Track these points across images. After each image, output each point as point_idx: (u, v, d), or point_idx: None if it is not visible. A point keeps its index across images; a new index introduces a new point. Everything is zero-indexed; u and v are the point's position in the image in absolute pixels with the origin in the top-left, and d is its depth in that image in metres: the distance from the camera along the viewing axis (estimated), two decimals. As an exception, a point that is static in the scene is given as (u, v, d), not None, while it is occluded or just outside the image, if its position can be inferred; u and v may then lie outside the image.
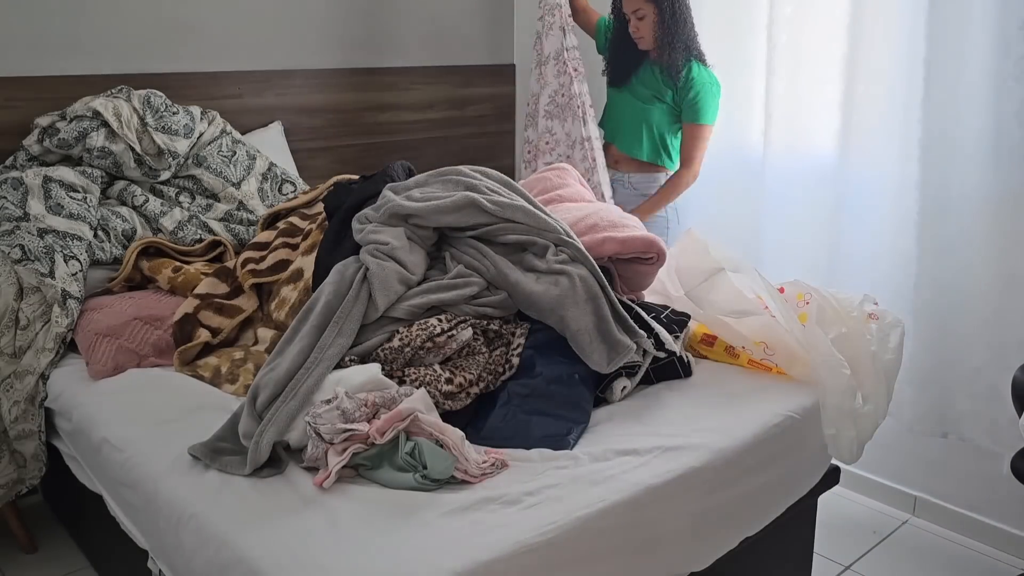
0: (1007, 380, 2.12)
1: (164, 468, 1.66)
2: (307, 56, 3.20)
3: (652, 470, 1.61)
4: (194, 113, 2.70)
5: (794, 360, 2.01)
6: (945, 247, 2.39)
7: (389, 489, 1.54)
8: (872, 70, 2.51)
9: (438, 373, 1.79)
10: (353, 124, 3.35)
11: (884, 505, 2.72)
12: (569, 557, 1.45)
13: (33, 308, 2.20)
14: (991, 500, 2.49)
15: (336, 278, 1.91)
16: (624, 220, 2.27)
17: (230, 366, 2.10)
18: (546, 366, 1.86)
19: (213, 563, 1.44)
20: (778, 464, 1.86)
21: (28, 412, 2.14)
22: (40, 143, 2.50)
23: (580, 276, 1.92)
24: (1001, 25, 2.21)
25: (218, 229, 2.61)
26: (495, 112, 3.79)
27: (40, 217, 2.34)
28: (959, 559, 2.46)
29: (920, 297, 2.45)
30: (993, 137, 2.27)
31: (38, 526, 2.56)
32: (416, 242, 2.02)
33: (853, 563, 2.45)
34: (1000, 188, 2.29)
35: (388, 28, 3.40)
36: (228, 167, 2.70)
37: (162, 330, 2.21)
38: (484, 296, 1.96)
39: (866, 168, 2.57)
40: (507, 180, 2.14)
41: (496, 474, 1.59)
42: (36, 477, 2.24)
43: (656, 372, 2.00)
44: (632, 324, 1.93)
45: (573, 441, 1.71)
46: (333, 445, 1.57)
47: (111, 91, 2.63)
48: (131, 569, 1.90)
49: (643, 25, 2.70)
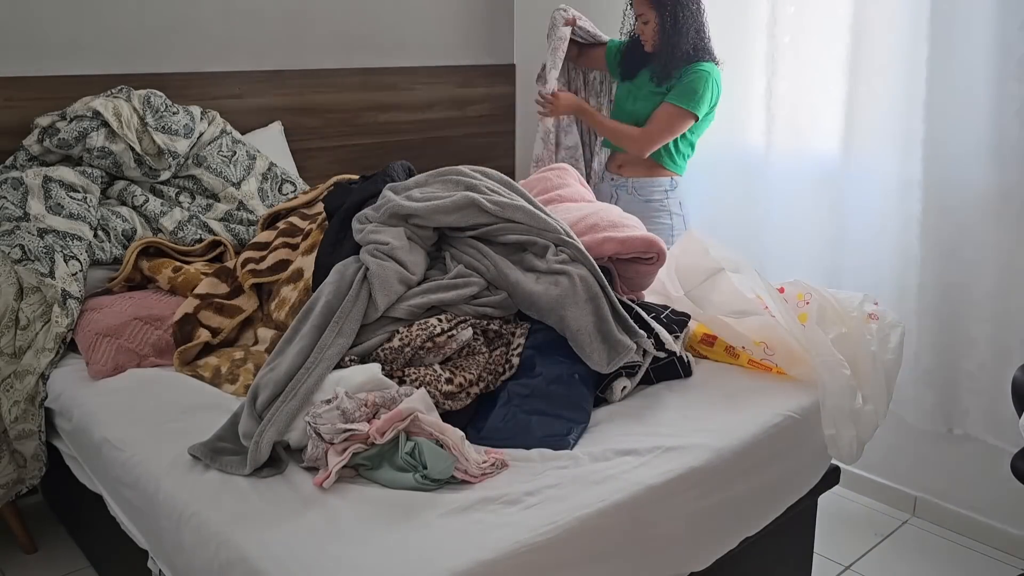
0: (1009, 379, 2.12)
1: (164, 468, 1.66)
2: (306, 56, 3.20)
3: (652, 470, 1.61)
4: (194, 113, 2.70)
5: (794, 360, 2.01)
6: (948, 246, 2.39)
7: (389, 489, 1.54)
8: (874, 70, 2.51)
9: (438, 373, 1.79)
10: (353, 124, 3.35)
11: (884, 505, 2.72)
12: (569, 557, 1.45)
13: (33, 308, 2.20)
14: (991, 500, 2.49)
15: (336, 278, 1.91)
16: (624, 220, 2.27)
17: (230, 366, 2.10)
18: (546, 366, 1.86)
19: (213, 563, 1.44)
20: (778, 464, 1.86)
21: (28, 412, 2.14)
22: (40, 143, 2.50)
23: (580, 276, 1.92)
24: (1002, 25, 2.21)
25: (218, 229, 2.61)
26: (495, 112, 3.79)
27: (40, 217, 2.34)
28: (959, 559, 2.46)
29: (923, 296, 2.45)
30: (994, 137, 2.27)
31: (38, 526, 2.56)
32: (416, 242, 2.02)
33: (853, 563, 2.45)
34: (1002, 188, 2.29)
35: (388, 28, 3.40)
36: (228, 167, 2.70)
37: (162, 330, 2.21)
38: (484, 296, 1.96)
39: (868, 168, 2.57)
40: (507, 180, 2.14)
41: (496, 474, 1.59)
42: (36, 477, 2.24)
43: (656, 372, 2.00)
44: (632, 324, 1.93)
45: (573, 441, 1.71)
46: (333, 445, 1.57)
47: (111, 91, 2.63)
48: (131, 569, 1.90)
49: (647, 29, 2.76)
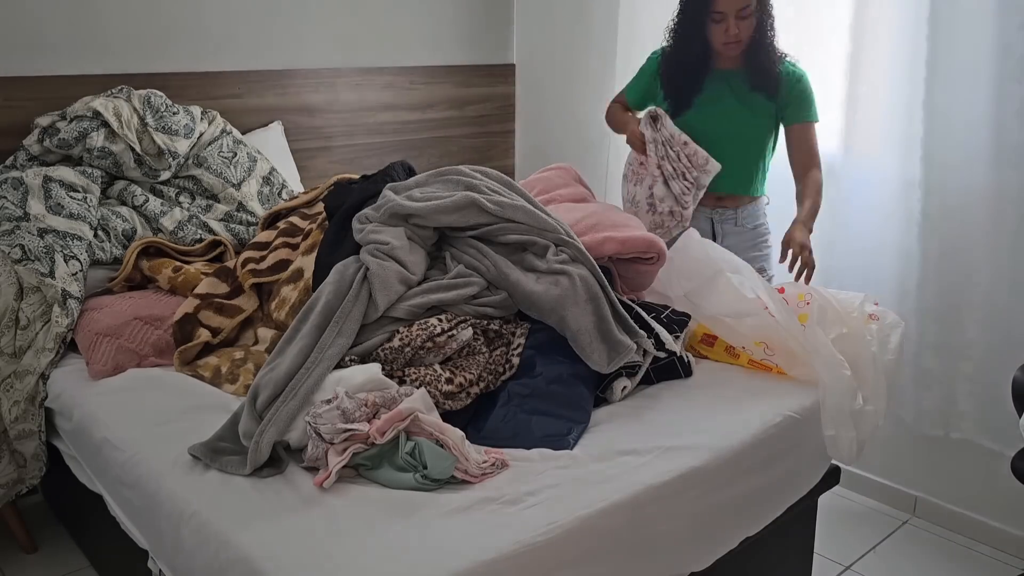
0: (1009, 379, 2.13)
1: (164, 468, 1.66)
2: (308, 56, 3.20)
3: (652, 470, 1.61)
4: (194, 113, 2.70)
5: (794, 360, 2.01)
6: (948, 247, 2.39)
7: (389, 489, 1.54)
8: (874, 70, 2.51)
9: (438, 373, 1.79)
10: (353, 124, 3.35)
11: (884, 505, 2.72)
12: (569, 557, 1.45)
13: (33, 308, 2.20)
14: (991, 500, 2.49)
15: (336, 278, 1.91)
16: (624, 220, 2.27)
17: (230, 366, 2.10)
18: (546, 366, 1.86)
19: (213, 563, 1.44)
20: (778, 464, 1.86)
21: (28, 412, 2.14)
22: (40, 143, 2.50)
23: (580, 276, 1.92)
24: (1002, 25, 2.22)
25: (218, 229, 2.61)
26: (495, 112, 3.79)
27: (40, 217, 2.34)
28: (959, 559, 2.46)
29: (923, 297, 2.45)
30: (994, 137, 2.27)
31: (38, 526, 2.56)
32: (416, 242, 2.02)
33: (853, 563, 2.45)
34: (1002, 188, 2.29)
35: (388, 28, 3.40)
36: (228, 168, 2.70)
37: (162, 330, 2.21)
38: (484, 296, 1.96)
39: (868, 168, 2.57)
40: (507, 180, 2.14)
41: (496, 474, 1.59)
42: (36, 477, 2.24)
43: (656, 372, 2.00)
44: (632, 324, 1.93)
45: (573, 441, 1.71)
46: (333, 445, 1.57)
47: (111, 91, 2.63)
48: (131, 569, 1.90)
49: (744, 25, 2.31)
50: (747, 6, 2.28)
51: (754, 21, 2.32)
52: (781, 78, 2.38)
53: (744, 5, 2.28)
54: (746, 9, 2.29)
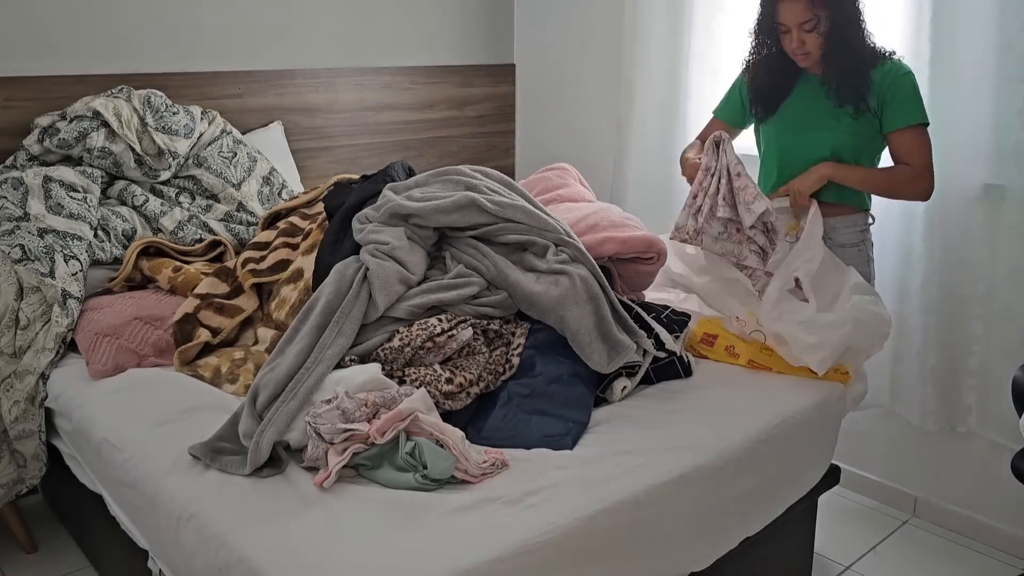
0: (1011, 375, 2.13)
1: (164, 468, 1.66)
2: (307, 56, 3.20)
3: (652, 470, 1.61)
4: (194, 113, 2.70)
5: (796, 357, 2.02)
6: (950, 245, 2.40)
7: (389, 489, 1.54)
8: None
9: (438, 373, 1.79)
10: (353, 124, 3.35)
11: (884, 505, 2.72)
12: (569, 557, 1.45)
13: (33, 308, 2.20)
14: (991, 500, 2.49)
15: (336, 278, 1.91)
16: (624, 220, 2.27)
17: (230, 366, 2.10)
18: (546, 366, 1.86)
19: (213, 563, 1.44)
20: (778, 464, 1.86)
21: (28, 412, 2.14)
22: (40, 143, 2.50)
23: (580, 276, 1.92)
24: (1002, 25, 2.22)
25: (218, 229, 2.61)
26: (495, 112, 3.79)
27: (40, 217, 2.34)
28: (959, 559, 2.46)
29: (927, 295, 2.45)
30: (995, 136, 2.28)
31: (38, 526, 2.56)
32: (416, 242, 2.02)
33: (853, 563, 2.45)
34: (1002, 187, 2.30)
35: (387, 28, 3.40)
36: (228, 168, 2.70)
37: (162, 330, 2.21)
38: (484, 296, 1.96)
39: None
40: (507, 180, 2.14)
41: (496, 474, 1.59)
42: (36, 477, 2.24)
43: (656, 372, 2.00)
44: (632, 324, 1.93)
45: (573, 441, 1.71)
46: (333, 445, 1.57)
47: (111, 91, 2.63)
48: (131, 569, 1.90)
49: (811, 38, 2.14)
50: (809, 20, 2.12)
51: (823, 34, 2.14)
52: (873, 85, 2.16)
53: (806, 19, 2.12)
54: (809, 23, 2.12)
